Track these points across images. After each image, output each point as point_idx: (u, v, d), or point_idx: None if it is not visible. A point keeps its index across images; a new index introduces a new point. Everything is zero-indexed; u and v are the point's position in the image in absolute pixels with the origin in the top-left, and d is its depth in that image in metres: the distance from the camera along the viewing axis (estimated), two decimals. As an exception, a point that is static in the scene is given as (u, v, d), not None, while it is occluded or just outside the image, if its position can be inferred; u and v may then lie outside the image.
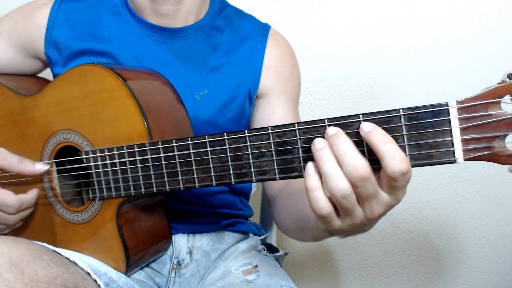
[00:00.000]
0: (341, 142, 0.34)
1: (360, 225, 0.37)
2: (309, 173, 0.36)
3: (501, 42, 1.06)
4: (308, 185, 0.36)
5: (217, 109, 0.64)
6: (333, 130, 0.35)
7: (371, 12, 1.05)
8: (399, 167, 0.33)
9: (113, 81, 0.51)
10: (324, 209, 0.36)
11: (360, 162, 0.34)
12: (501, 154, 0.32)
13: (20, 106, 0.60)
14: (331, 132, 0.35)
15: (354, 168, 0.33)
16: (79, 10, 0.65)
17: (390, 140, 0.33)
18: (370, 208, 0.36)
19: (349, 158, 0.34)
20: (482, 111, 0.32)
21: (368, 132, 0.34)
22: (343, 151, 0.34)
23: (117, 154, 0.50)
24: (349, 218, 0.37)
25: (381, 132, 0.34)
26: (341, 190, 0.34)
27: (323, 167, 0.35)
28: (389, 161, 0.33)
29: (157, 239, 0.58)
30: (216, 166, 0.42)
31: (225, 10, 0.69)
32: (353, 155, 0.34)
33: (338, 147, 0.34)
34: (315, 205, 0.36)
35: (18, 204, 0.54)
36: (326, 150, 0.35)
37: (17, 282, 0.36)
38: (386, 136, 0.34)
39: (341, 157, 0.34)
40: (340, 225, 0.37)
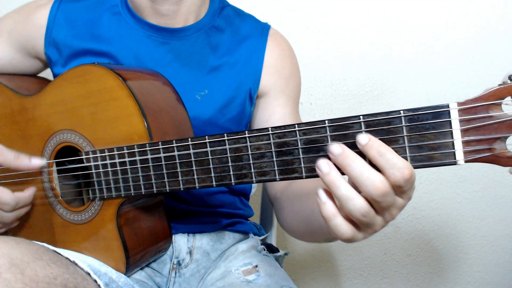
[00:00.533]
0: (353, 161, 0.33)
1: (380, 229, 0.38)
2: (323, 201, 0.35)
3: (501, 42, 1.06)
4: (325, 214, 0.35)
5: (218, 109, 0.64)
6: (338, 149, 0.34)
7: (371, 12, 1.05)
8: (401, 176, 0.33)
9: (114, 81, 0.51)
10: (346, 233, 0.36)
11: (378, 178, 0.33)
12: (502, 156, 0.32)
13: (21, 106, 0.60)
14: (337, 151, 0.34)
15: (374, 187, 0.33)
16: (79, 10, 0.65)
17: (387, 150, 0.33)
18: (389, 215, 0.36)
19: (367, 177, 0.33)
20: (483, 113, 0.32)
21: (364, 145, 0.34)
22: (359, 171, 0.33)
23: (117, 154, 0.50)
24: (370, 229, 0.37)
25: (377, 143, 0.33)
26: (360, 210, 0.34)
27: (337, 192, 0.34)
28: (390, 172, 0.33)
29: (157, 239, 0.58)
30: (216, 166, 0.42)
31: (225, 10, 0.69)
32: (369, 174, 0.33)
33: (352, 168, 0.33)
34: (337, 231, 0.36)
35: (15, 201, 0.54)
36: (335, 173, 0.34)
37: (17, 282, 0.36)
38: (382, 147, 0.33)
39: (357, 177, 0.33)
40: (363, 236, 0.37)
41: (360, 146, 0.34)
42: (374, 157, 0.33)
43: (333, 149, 0.34)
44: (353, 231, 0.36)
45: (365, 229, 0.36)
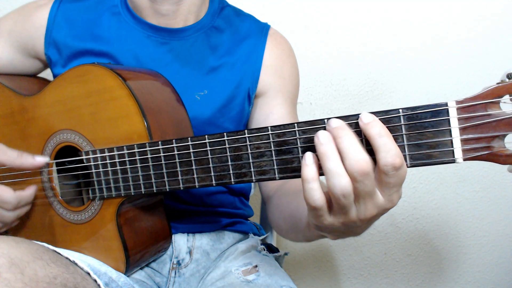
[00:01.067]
0: (346, 135, 0.34)
1: (352, 225, 0.37)
2: (307, 163, 0.35)
3: (501, 42, 1.06)
4: (305, 175, 0.35)
5: (217, 109, 0.64)
6: (336, 122, 0.34)
7: (371, 12, 1.05)
8: (391, 161, 0.32)
9: (113, 81, 0.51)
10: (317, 200, 0.35)
11: (363, 156, 0.33)
12: (500, 154, 0.32)
13: (21, 106, 0.61)
14: (335, 124, 0.34)
15: (356, 162, 0.33)
16: (79, 10, 0.65)
17: (387, 133, 0.33)
18: (364, 207, 0.35)
19: (353, 152, 0.33)
20: (481, 111, 0.32)
21: (367, 123, 0.34)
22: (347, 145, 0.33)
23: (117, 154, 0.50)
24: (342, 216, 0.36)
25: (380, 125, 0.33)
26: (343, 188, 0.34)
27: (327, 163, 0.34)
28: (383, 154, 0.33)
29: (157, 239, 0.58)
30: (216, 166, 0.42)
31: (224, 10, 0.69)
32: (357, 149, 0.33)
33: (342, 140, 0.34)
34: (309, 195, 0.35)
35: (16, 200, 0.54)
36: (331, 145, 0.34)
37: (17, 282, 0.36)
38: (383, 129, 0.33)
39: (344, 150, 0.34)
40: (331, 222, 0.37)
41: (361, 124, 0.34)
42: (373, 137, 0.33)
43: (331, 121, 0.35)
44: (323, 203, 0.36)
45: (336, 213, 0.36)
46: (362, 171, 0.33)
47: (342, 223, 0.37)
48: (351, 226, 0.37)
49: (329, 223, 0.37)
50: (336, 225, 0.37)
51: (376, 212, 0.36)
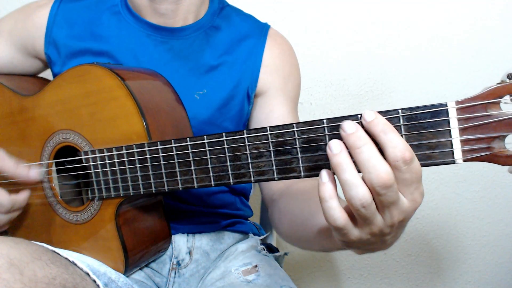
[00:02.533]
0: (365, 144, 0.32)
1: (380, 234, 0.35)
2: (323, 181, 0.33)
3: (501, 42, 1.05)
4: (322, 194, 0.33)
5: (216, 108, 0.64)
6: (352, 127, 0.32)
7: (371, 12, 1.05)
8: (401, 155, 0.31)
9: (112, 81, 0.51)
10: (338, 219, 0.33)
11: (384, 168, 0.31)
12: (501, 154, 0.32)
13: (20, 106, 0.60)
14: (350, 129, 0.32)
15: (377, 175, 0.31)
16: (79, 10, 0.65)
17: (392, 129, 0.32)
18: (390, 215, 0.33)
19: (374, 164, 0.31)
20: (481, 112, 0.32)
21: (369, 122, 0.32)
22: (368, 156, 0.31)
23: (116, 154, 0.50)
24: (368, 227, 0.34)
25: (383, 121, 0.32)
26: (361, 199, 0.32)
27: (342, 175, 0.32)
28: (391, 150, 0.31)
29: (157, 239, 0.58)
30: (214, 166, 0.42)
31: (224, 10, 0.69)
32: (378, 161, 0.31)
33: (362, 151, 0.32)
34: (329, 215, 0.34)
35: (11, 204, 0.54)
36: (344, 155, 0.32)
37: (16, 282, 0.36)
38: (387, 126, 0.32)
39: (364, 162, 0.32)
40: (359, 235, 0.35)
41: (365, 122, 0.32)
42: (378, 134, 0.32)
43: (346, 127, 0.32)
44: (346, 221, 0.34)
45: (362, 225, 0.34)
46: (384, 184, 0.31)
47: (369, 233, 0.35)
48: (380, 235, 0.35)
49: (356, 237, 0.35)
50: (364, 238, 0.35)
51: (403, 217, 0.34)
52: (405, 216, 0.34)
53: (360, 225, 0.34)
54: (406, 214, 0.34)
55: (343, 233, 0.35)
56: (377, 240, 0.36)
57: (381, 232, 0.34)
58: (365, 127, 0.33)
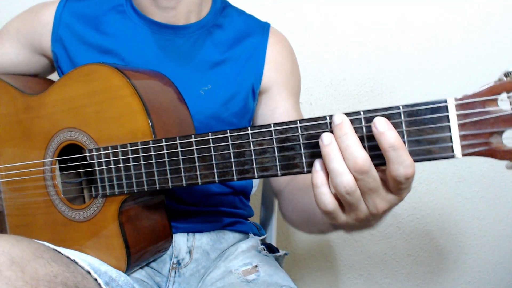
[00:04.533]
0: (345, 134, 0.35)
1: (365, 220, 0.38)
2: (316, 169, 0.37)
3: (501, 42, 1.06)
4: (314, 181, 0.37)
5: (221, 103, 0.65)
6: (338, 119, 0.35)
7: (371, 12, 1.05)
8: (404, 173, 0.34)
9: (119, 80, 0.52)
10: (328, 205, 0.37)
11: (360, 155, 0.34)
12: (498, 150, 0.33)
13: (25, 105, 0.61)
14: (337, 121, 0.35)
15: (354, 161, 0.34)
16: (85, 9, 0.67)
17: (401, 146, 0.33)
18: (373, 203, 0.36)
19: (351, 151, 0.34)
20: (479, 108, 0.33)
21: (381, 133, 0.33)
22: (346, 144, 0.35)
23: (121, 151, 0.50)
24: (353, 213, 0.37)
25: (394, 135, 0.33)
26: (346, 186, 0.35)
27: (330, 164, 0.35)
28: (395, 167, 0.34)
29: (158, 238, 0.58)
30: (218, 163, 0.43)
31: (226, 9, 0.70)
32: (354, 149, 0.34)
33: (342, 140, 0.35)
34: (320, 201, 0.37)
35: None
36: (334, 146, 0.35)
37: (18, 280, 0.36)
38: (398, 141, 0.33)
39: (343, 150, 0.35)
40: (345, 220, 0.38)
41: (375, 130, 0.34)
42: (386, 149, 0.34)
43: (334, 118, 0.35)
44: (335, 206, 0.37)
45: (348, 210, 0.37)
46: (360, 169, 0.34)
47: (355, 219, 0.38)
48: (365, 221, 0.38)
49: (343, 221, 0.38)
50: (350, 223, 0.38)
51: (388, 206, 0.37)
52: (389, 205, 0.37)
53: (347, 211, 0.38)
54: (390, 205, 0.37)
55: (332, 217, 0.38)
56: (362, 224, 0.39)
57: (366, 218, 0.38)
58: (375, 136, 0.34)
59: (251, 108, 0.68)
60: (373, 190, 0.35)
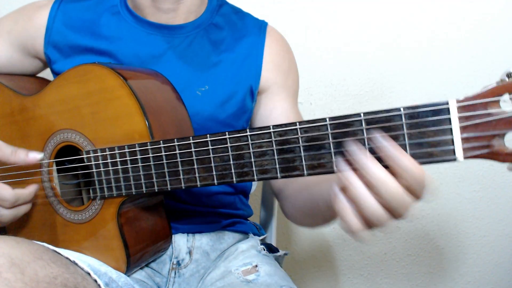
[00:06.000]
0: (374, 168, 0.34)
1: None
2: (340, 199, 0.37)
3: (501, 42, 1.06)
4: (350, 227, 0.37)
5: (218, 104, 0.64)
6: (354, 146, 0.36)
7: (371, 12, 1.05)
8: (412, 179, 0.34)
9: (114, 80, 0.52)
10: (355, 227, 0.37)
11: (392, 184, 0.34)
12: (501, 152, 0.32)
13: (21, 106, 0.61)
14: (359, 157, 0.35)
15: (391, 197, 0.34)
16: (79, 10, 0.66)
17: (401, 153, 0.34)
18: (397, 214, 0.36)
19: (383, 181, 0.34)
20: (481, 110, 0.32)
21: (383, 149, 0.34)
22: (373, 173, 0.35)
23: (118, 153, 0.50)
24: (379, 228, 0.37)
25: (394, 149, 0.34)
26: (376, 215, 0.35)
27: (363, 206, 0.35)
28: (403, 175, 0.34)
29: (158, 238, 0.58)
30: (217, 165, 0.43)
31: (223, 7, 0.70)
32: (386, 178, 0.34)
33: (372, 176, 0.35)
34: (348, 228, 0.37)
35: (15, 198, 0.53)
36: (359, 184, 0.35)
37: (18, 281, 0.36)
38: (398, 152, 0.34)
39: (376, 187, 0.35)
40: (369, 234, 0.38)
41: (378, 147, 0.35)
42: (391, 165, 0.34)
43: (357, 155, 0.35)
44: (361, 227, 0.37)
45: (374, 228, 0.37)
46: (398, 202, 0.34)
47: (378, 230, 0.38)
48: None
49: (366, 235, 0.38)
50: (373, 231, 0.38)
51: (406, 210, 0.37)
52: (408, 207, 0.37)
53: (373, 228, 0.37)
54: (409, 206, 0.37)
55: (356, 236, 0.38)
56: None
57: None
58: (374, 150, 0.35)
59: (249, 108, 0.68)
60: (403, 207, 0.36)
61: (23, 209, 0.56)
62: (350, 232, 0.37)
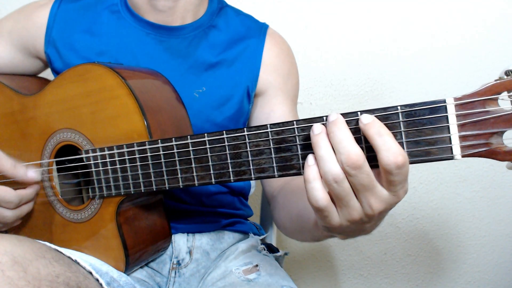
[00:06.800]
0: (339, 129, 0.34)
1: (360, 222, 0.37)
2: (309, 164, 0.36)
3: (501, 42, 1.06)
4: (306, 175, 0.36)
5: (215, 106, 0.64)
6: (333, 116, 0.35)
7: (371, 12, 1.05)
8: (393, 160, 0.32)
9: (113, 80, 0.52)
10: (320, 200, 0.35)
11: (354, 149, 0.34)
12: (499, 150, 0.32)
13: (21, 106, 0.61)
14: (331, 118, 0.35)
15: (347, 155, 0.33)
16: (79, 10, 0.66)
17: (387, 133, 0.33)
18: (367, 202, 0.35)
19: (344, 145, 0.34)
20: (479, 108, 0.32)
21: (366, 124, 0.34)
22: (339, 138, 0.34)
23: (117, 152, 0.50)
24: (346, 211, 0.36)
25: (379, 124, 0.34)
26: (333, 174, 0.34)
27: (318, 151, 0.35)
28: (384, 154, 0.33)
29: (157, 238, 0.58)
30: (215, 164, 0.43)
31: (223, 10, 0.70)
32: (348, 143, 0.34)
33: (335, 134, 0.34)
34: (312, 195, 0.36)
35: (18, 199, 0.54)
36: (323, 136, 0.35)
37: (20, 280, 0.36)
38: (383, 129, 0.33)
39: (336, 144, 0.34)
40: (339, 221, 0.37)
41: (361, 125, 0.34)
42: (372, 137, 0.33)
43: (329, 116, 0.35)
44: (328, 201, 0.36)
45: (339, 205, 0.36)
46: (353, 164, 0.33)
47: (349, 221, 0.36)
48: (359, 223, 0.37)
49: (336, 223, 0.37)
50: (344, 225, 0.37)
51: (384, 207, 0.35)
52: (385, 206, 0.35)
53: (338, 206, 0.36)
54: (386, 205, 0.35)
55: (324, 215, 0.37)
56: (357, 228, 0.38)
57: (361, 220, 0.36)
58: (361, 129, 0.34)
59: (246, 110, 0.68)
60: (366, 187, 0.34)
61: (25, 209, 0.57)
62: (316, 205, 0.36)
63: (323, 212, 0.36)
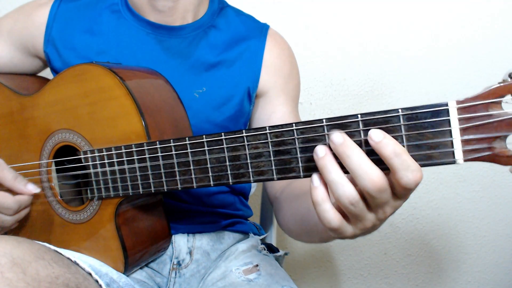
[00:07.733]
0: (353, 152, 0.33)
1: (372, 227, 0.37)
2: (315, 185, 0.35)
3: (501, 42, 1.05)
4: (314, 198, 0.35)
5: (216, 107, 0.64)
6: (339, 138, 0.33)
7: (371, 12, 1.05)
8: (414, 179, 0.32)
9: (111, 80, 0.51)
10: (333, 221, 0.35)
11: (376, 173, 0.32)
12: (502, 155, 0.32)
13: (19, 106, 0.60)
14: (338, 140, 0.33)
15: (371, 181, 0.32)
16: (79, 9, 0.66)
17: (402, 151, 0.32)
18: (383, 212, 0.35)
19: (365, 170, 0.32)
20: (482, 111, 0.31)
21: (378, 142, 0.32)
22: (358, 163, 0.32)
23: (115, 153, 0.49)
24: (360, 223, 0.36)
25: (393, 142, 0.32)
26: (349, 197, 0.33)
27: (328, 176, 0.34)
28: (403, 173, 0.32)
29: (156, 239, 0.58)
30: (214, 166, 0.42)
31: (224, 10, 0.69)
32: (367, 167, 0.32)
33: (351, 159, 0.33)
34: (323, 218, 0.35)
35: (17, 205, 0.54)
36: (329, 158, 0.34)
37: (19, 281, 0.35)
38: (398, 147, 0.32)
39: (354, 169, 0.32)
40: (352, 232, 0.36)
41: (372, 143, 0.32)
42: (388, 157, 0.32)
43: (334, 138, 0.34)
44: (341, 221, 0.35)
45: (354, 221, 0.36)
46: (378, 189, 0.32)
47: (362, 230, 0.36)
48: (372, 228, 0.37)
49: (350, 234, 0.37)
50: (358, 233, 0.37)
51: (394, 210, 0.36)
52: (395, 209, 0.36)
53: (353, 223, 0.36)
54: (396, 208, 0.36)
55: (338, 232, 0.36)
56: (368, 231, 0.38)
57: (373, 226, 0.36)
58: (373, 147, 0.33)
59: (247, 111, 0.68)
60: (386, 203, 0.34)
61: (23, 213, 0.57)
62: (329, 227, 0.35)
63: (337, 231, 0.36)
